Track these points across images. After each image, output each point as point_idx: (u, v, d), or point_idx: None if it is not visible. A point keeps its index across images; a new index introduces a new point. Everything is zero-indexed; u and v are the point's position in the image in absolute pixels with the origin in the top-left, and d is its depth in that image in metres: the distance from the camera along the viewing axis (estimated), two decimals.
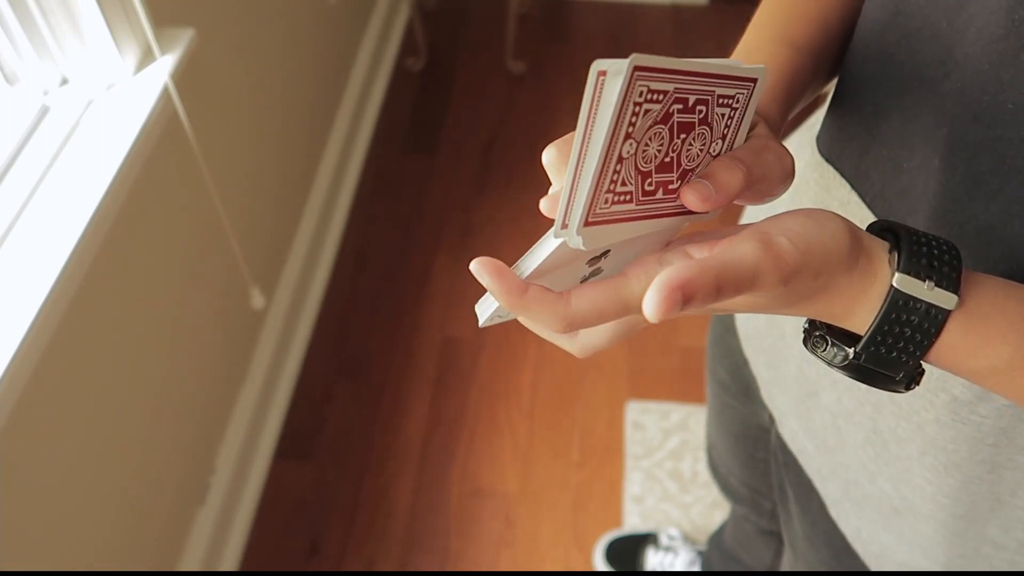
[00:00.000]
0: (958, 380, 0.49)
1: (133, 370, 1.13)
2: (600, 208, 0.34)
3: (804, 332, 0.41)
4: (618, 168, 0.34)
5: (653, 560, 1.44)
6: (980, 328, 0.36)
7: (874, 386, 0.39)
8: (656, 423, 1.64)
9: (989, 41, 0.40)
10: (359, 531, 1.51)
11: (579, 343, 0.44)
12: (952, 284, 0.36)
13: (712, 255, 0.33)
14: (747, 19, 0.55)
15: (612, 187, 0.34)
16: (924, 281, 0.36)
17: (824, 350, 0.39)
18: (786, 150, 0.40)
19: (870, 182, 0.52)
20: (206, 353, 1.36)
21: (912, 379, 0.38)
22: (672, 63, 0.32)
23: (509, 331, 1.77)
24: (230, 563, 1.44)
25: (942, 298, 0.36)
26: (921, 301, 0.36)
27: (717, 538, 1.26)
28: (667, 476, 1.57)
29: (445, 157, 2.15)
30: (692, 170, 0.37)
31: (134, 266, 1.10)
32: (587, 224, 0.34)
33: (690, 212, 0.38)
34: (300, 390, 1.69)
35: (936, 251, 0.37)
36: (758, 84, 0.37)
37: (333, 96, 2.00)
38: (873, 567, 0.65)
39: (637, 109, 0.32)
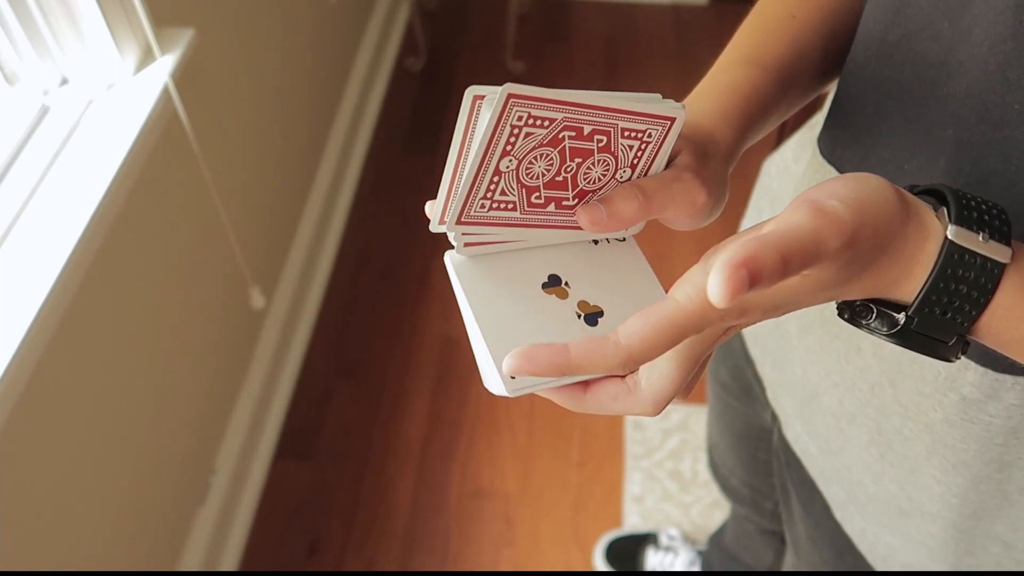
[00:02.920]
0: (967, 379, 0.49)
1: (133, 370, 1.13)
2: (476, 211, 0.38)
3: (842, 304, 0.38)
4: (495, 179, 0.37)
5: (653, 560, 1.43)
6: None
7: (924, 353, 0.36)
8: (656, 423, 1.64)
9: (996, 42, 0.40)
10: (359, 531, 1.50)
11: (648, 397, 0.39)
12: (1004, 237, 0.35)
13: (768, 232, 0.31)
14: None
15: (489, 195, 0.37)
16: (978, 233, 0.34)
17: (870, 320, 0.37)
18: (701, 184, 0.40)
19: None
20: (206, 353, 1.36)
21: (961, 348, 0.36)
22: (555, 95, 0.35)
23: None
24: (230, 563, 1.44)
25: (997, 251, 0.34)
26: (976, 254, 0.34)
27: (717, 538, 1.26)
28: (667, 476, 1.57)
29: (445, 157, 2.15)
30: (594, 191, 0.39)
31: (134, 266, 1.10)
32: (459, 222, 0.38)
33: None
34: (300, 390, 1.69)
35: (984, 206, 0.35)
36: (676, 122, 0.38)
37: (333, 96, 1.99)
38: (879, 567, 0.65)
39: (516, 131, 0.35)
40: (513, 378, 0.38)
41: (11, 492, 0.89)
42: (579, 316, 0.41)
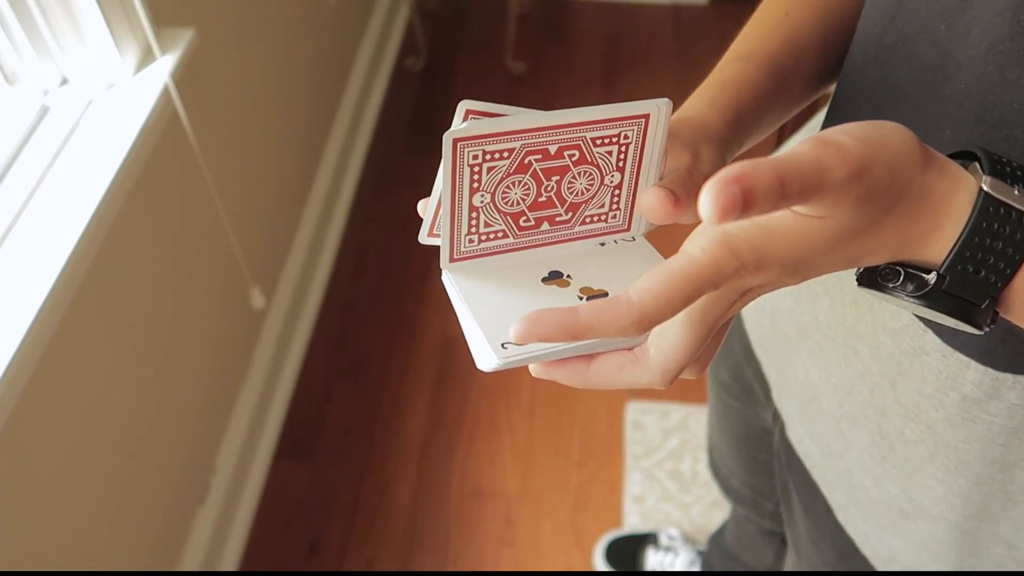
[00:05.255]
0: (968, 379, 0.49)
1: (133, 370, 1.13)
2: (465, 247, 0.38)
3: (863, 270, 0.36)
4: (474, 216, 0.37)
5: (653, 560, 1.43)
6: None
7: (955, 317, 0.34)
8: (656, 423, 1.64)
9: (995, 42, 0.40)
10: (359, 531, 1.50)
11: (657, 365, 0.36)
12: None
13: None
14: (747, 19, 0.55)
15: (472, 230, 0.37)
16: (1013, 187, 0.33)
17: (896, 283, 0.35)
18: (697, 176, 0.40)
19: None
20: (206, 353, 1.36)
21: (992, 315, 0.34)
22: (505, 126, 0.34)
23: None
24: (230, 563, 1.44)
25: None
26: (1012, 207, 0.32)
27: (717, 538, 1.26)
28: (667, 476, 1.57)
29: None
30: (586, 202, 0.39)
31: (134, 266, 1.10)
32: (453, 260, 0.38)
33: (598, 235, 0.41)
34: (300, 390, 1.69)
35: (1014, 163, 0.34)
36: (653, 117, 0.38)
37: (333, 96, 1.99)
38: (881, 568, 0.65)
39: (477, 169, 0.35)
40: (504, 347, 0.36)
41: (11, 492, 0.89)
42: (581, 299, 0.39)
